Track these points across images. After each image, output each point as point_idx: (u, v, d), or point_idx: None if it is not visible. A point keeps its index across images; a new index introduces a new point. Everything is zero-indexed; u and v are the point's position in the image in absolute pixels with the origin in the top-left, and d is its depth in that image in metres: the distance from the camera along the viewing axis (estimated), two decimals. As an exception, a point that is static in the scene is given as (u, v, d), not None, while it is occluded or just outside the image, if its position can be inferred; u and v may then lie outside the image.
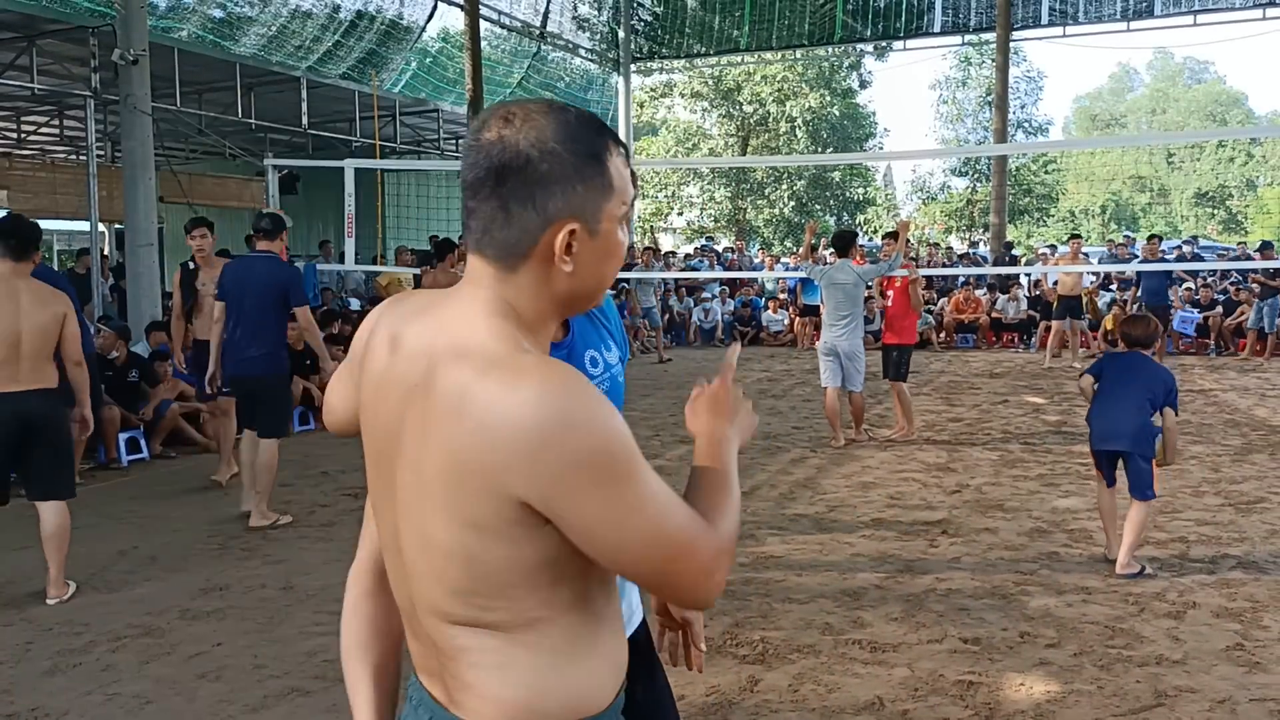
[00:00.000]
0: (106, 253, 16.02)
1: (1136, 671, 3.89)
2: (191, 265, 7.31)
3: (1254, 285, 15.23)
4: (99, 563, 5.47)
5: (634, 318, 16.05)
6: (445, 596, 1.22)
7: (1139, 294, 13.85)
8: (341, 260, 12.09)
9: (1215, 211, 49.93)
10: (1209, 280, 16.36)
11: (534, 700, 1.24)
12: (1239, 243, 22.83)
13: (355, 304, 14.42)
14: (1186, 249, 18.28)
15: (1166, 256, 16.08)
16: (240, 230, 18.40)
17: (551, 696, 1.24)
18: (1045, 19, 21.33)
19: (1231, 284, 16.46)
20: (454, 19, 19.26)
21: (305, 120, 14.97)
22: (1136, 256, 15.59)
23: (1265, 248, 16.97)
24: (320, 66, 16.12)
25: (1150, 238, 15.91)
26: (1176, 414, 5.11)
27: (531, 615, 1.22)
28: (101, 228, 15.59)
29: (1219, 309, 15.84)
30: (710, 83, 31.57)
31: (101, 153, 14.51)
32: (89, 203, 11.44)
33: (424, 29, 18.92)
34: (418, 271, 10.88)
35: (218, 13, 15.06)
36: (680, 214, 33.88)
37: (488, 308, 1.24)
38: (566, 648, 1.25)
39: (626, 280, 15.88)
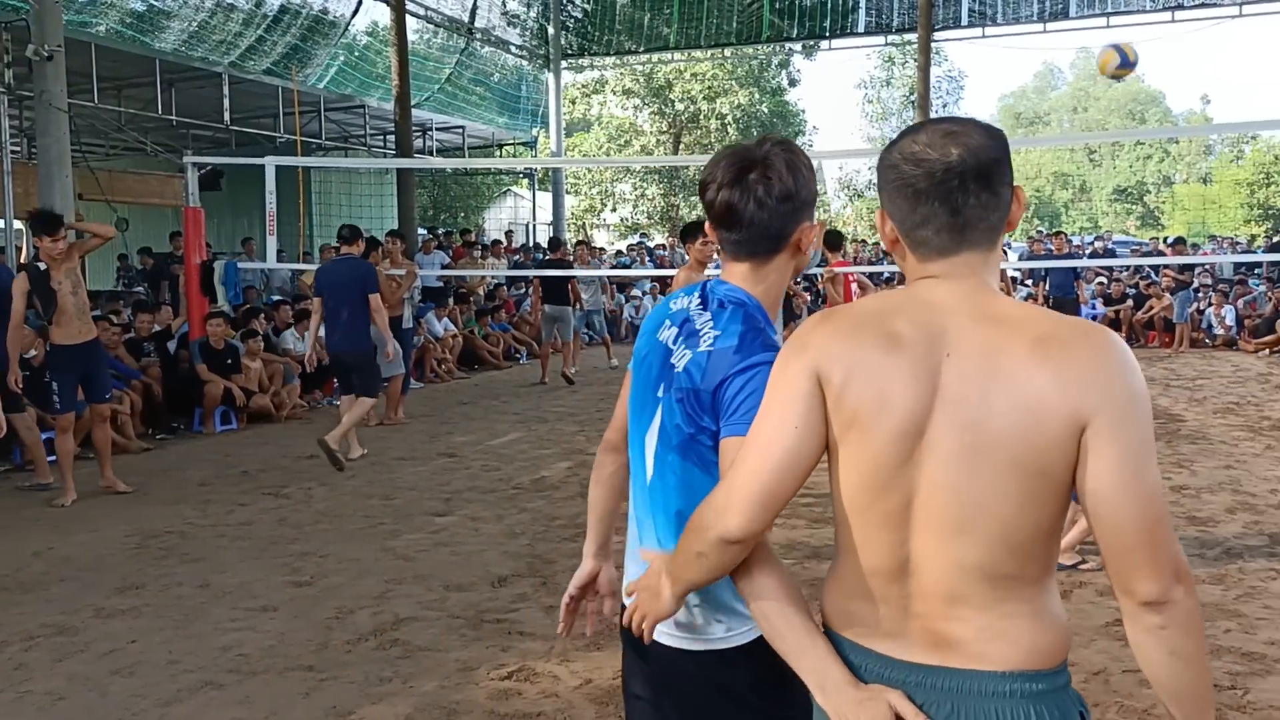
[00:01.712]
0: (22, 250, 15.67)
1: (1020, 647, 4.09)
2: (42, 267, 6.69)
3: (1163, 279, 15.84)
4: (13, 564, 5.44)
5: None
6: (1003, 552, 1.35)
7: (1047, 289, 14.60)
8: (265, 258, 12.00)
9: (1133, 208, 51.35)
10: (1120, 275, 16.94)
11: (1057, 643, 1.40)
12: (1151, 238, 23.60)
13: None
14: (1099, 244, 18.85)
15: (1082, 252, 16.61)
16: (164, 228, 18.14)
17: (1064, 638, 1.41)
18: (965, 20, 21.80)
19: (1142, 278, 17.05)
20: (380, 13, 19.09)
21: (228, 116, 14.81)
22: (1050, 251, 16.13)
23: (1177, 243, 17.70)
24: (243, 62, 15.91)
25: (1055, 233, 16.52)
26: None
27: (1051, 560, 1.40)
28: (19, 225, 15.27)
29: (1129, 302, 16.40)
30: (641, 80, 31.68)
31: (17, 149, 14.19)
32: (4, 200, 11.23)
33: (349, 24, 18.74)
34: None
35: (138, 5, 14.79)
36: (614, 210, 33.95)
37: (990, 288, 1.44)
38: (1058, 593, 1.43)
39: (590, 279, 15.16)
